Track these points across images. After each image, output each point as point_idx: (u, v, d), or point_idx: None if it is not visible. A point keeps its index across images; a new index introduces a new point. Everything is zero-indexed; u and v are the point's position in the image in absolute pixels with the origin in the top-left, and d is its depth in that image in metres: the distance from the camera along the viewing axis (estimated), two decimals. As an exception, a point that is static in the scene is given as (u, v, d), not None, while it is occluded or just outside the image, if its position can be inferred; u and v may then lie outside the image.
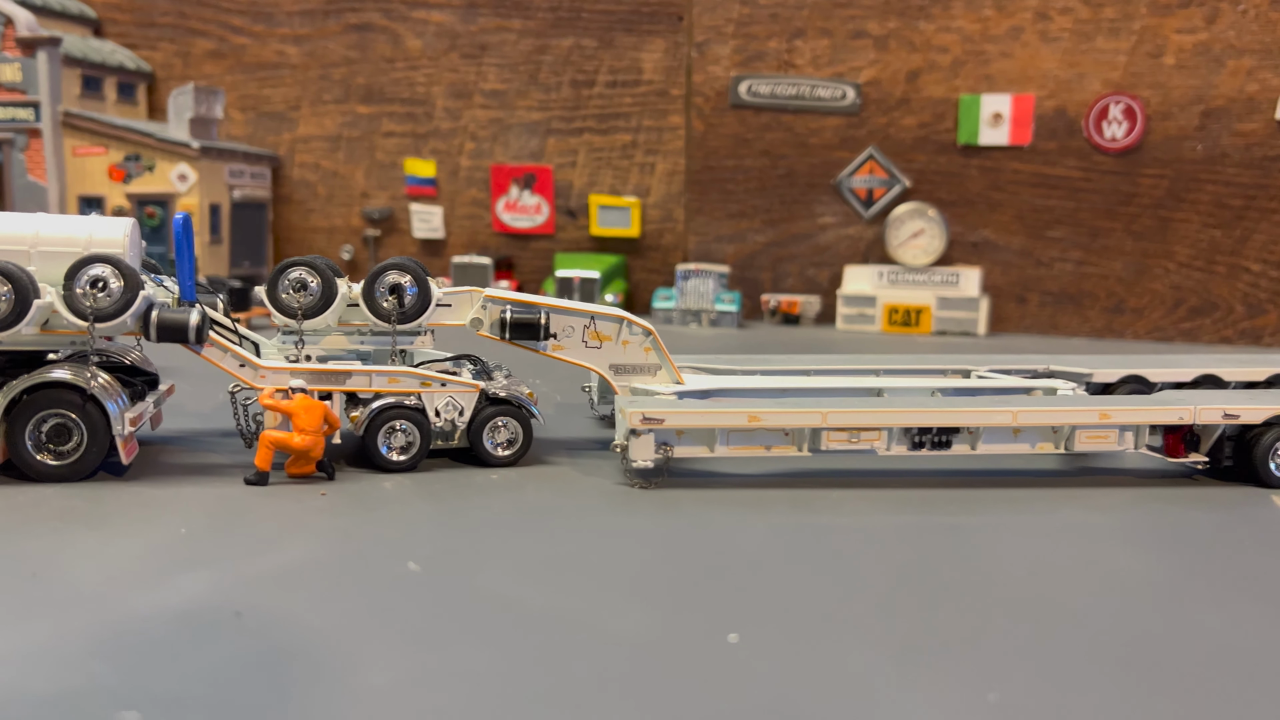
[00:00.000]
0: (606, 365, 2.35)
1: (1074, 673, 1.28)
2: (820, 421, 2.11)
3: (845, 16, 4.97)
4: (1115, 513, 2.02)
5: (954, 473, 2.28)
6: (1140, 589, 1.59)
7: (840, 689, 1.23)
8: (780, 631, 1.39)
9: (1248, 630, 1.43)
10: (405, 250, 5.59)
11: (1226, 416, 2.21)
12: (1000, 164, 5.01)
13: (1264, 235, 4.85)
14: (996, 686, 1.24)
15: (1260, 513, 2.03)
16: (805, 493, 2.10)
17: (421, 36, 5.32)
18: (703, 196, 5.26)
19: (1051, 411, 2.18)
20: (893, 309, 5.05)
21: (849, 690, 1.22)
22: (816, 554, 1.72)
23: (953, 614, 1.47)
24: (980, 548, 1.78)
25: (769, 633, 1.39)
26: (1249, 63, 4.71)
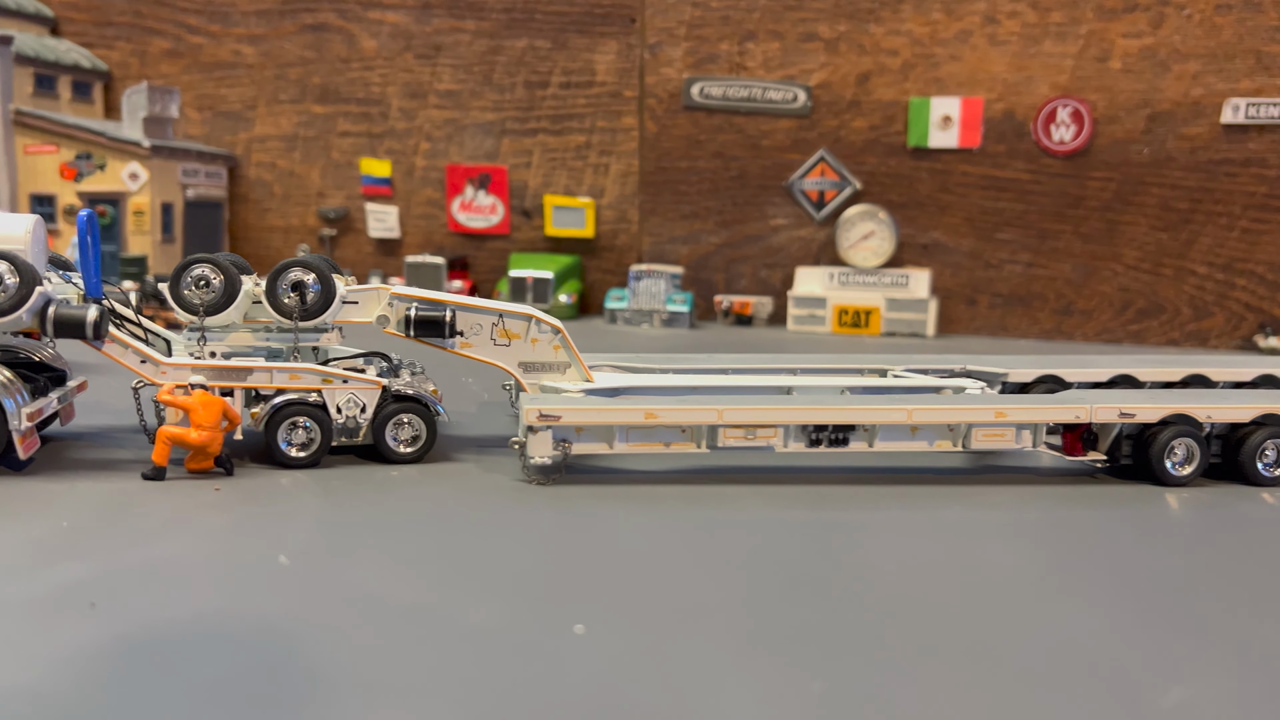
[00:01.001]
0: (515, 363, 2.37)
1: (907, 664, 1.30)
2: (716, 419, 2.13)
3: (796, 19, 4.99)
4: (1003, 510, 2.04)
5: (860, 470, 2.30)
6: (1002, 584, 1.62)
7: (665, 678, 1.24)
8: (632, 623, 1.41)
9: (1096, 626, 1.45)
10: (361, 251, 5.61)
11: (1123, 415, 2.24)
12: (950, 166, 5.04)
13: (1209, 239, 4.90)
14: (825, 677, 1.26)
15: (1148, 511, 2.06)
16: (702, 489, 2.12)
17: (376, 37, 5.33)
18: (656, 198, 5.28)
19: (946, 410, 2.21)
20: (842, 310, 5.08)
21: (673, 679, 1.24)
22: (696, 548, 1.74)
23: (808, 607, 1.49)
24: (859, 543, 1.80)
25: (621, 624, 1.40)
26: (1194, 67, 4.75)
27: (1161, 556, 1.78)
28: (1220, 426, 2.31)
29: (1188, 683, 1.27)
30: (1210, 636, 1.42)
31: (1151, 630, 1.43)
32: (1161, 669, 1.31)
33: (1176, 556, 1.78)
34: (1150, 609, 1.52)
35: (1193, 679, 1.29)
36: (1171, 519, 2.02)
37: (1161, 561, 1.75)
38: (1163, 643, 1.39)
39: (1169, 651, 1.37)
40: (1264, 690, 1.26)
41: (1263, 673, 1.31)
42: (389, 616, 1.41)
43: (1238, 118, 4.75)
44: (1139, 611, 1.50)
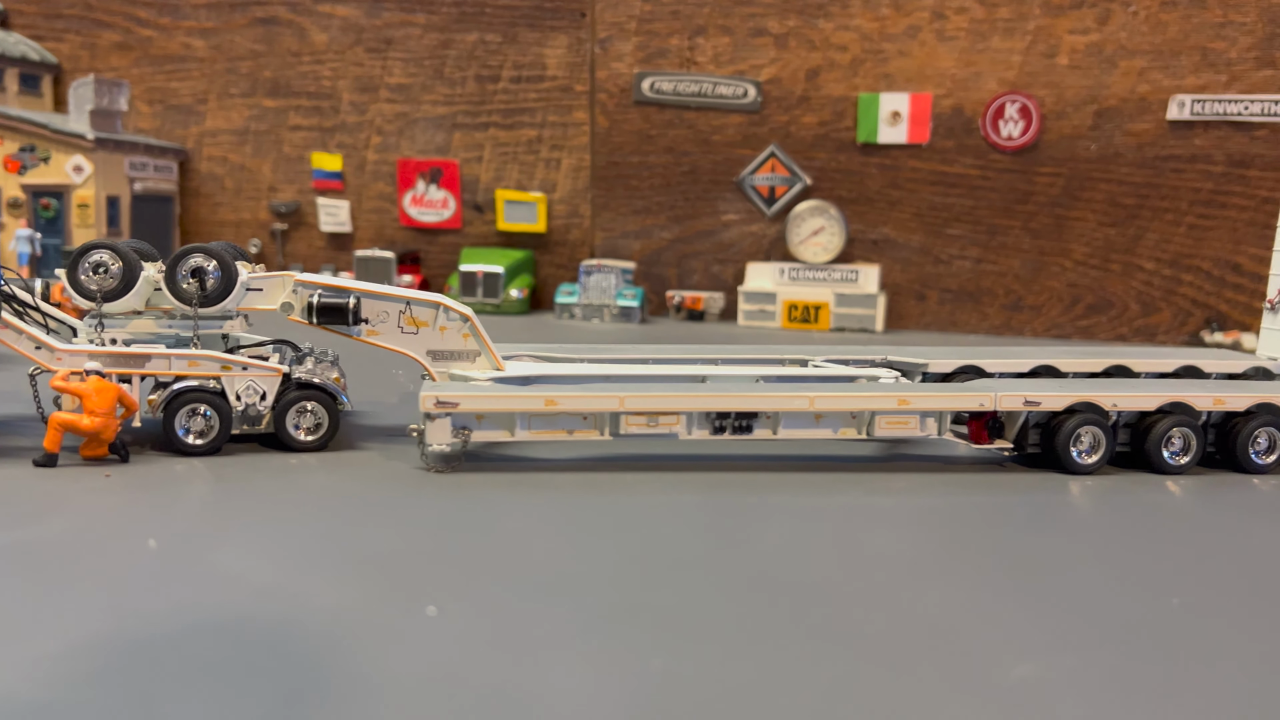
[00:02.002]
0: (424, 351, 2.35)
1: (751, 643, 1.30)
2: (618, 406, 2.12)
3: (745, 14, 4.99)
4: (900, 495, 2.04)
5: (780, 458, 2.29)
6: (873, 566, 1.61)
7: (503, 658, 1.23)
8: (491, 604, 1.40)
9: (957, 606, 1.45)
10: (312, 245, 5.58)
11: (1028, 403, 2.24)
12: (899, 162, 5.05)
13: (1156, 234, 4.92)
14: (668, 655, 1.25)
15: (1046, 497, 2.06)
16: (605, 475, 2.11)
17: (327, 30, 5.31)
18: (608, 192, 5.28)
19: (848, 397, 2.20)
20: (792, 305, 5.08)
21: (511, 659, 1.23)
22: (578, 532, 1.73)
23: (672, 588, 1.48)
24: (744, 526, 1.79)
25: (479, 605, 1.39)
26: (1140, 63, 4.77)
27: (1046, 541, 1.78)
28: (1128, 415, 2.31)
29: (1035, 660, 1.27)
30: (1070, 616, 1.41)
31: (1013, 610, 1.43)
32: (1013, 647, 1.31)
33: (1061, 541, 1.78)
34: (1018, 590, 1.51)
35: (1041, 657, 1.28)
36: (1067, 505, 2.02)
37: (1044, 546, 1.74)
38: (1021, 622, 1.39)
39: (1025, 631, 1.36)
40: (1107, 668, 1.26)
41: (1110, 651, 1.30)
42: (237, 598, 1.39)
43: (1183, 114, 4.77)
44: (1005, 592, 1.50)
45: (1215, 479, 2.25)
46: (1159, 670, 1.26)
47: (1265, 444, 2.33)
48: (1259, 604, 1.49)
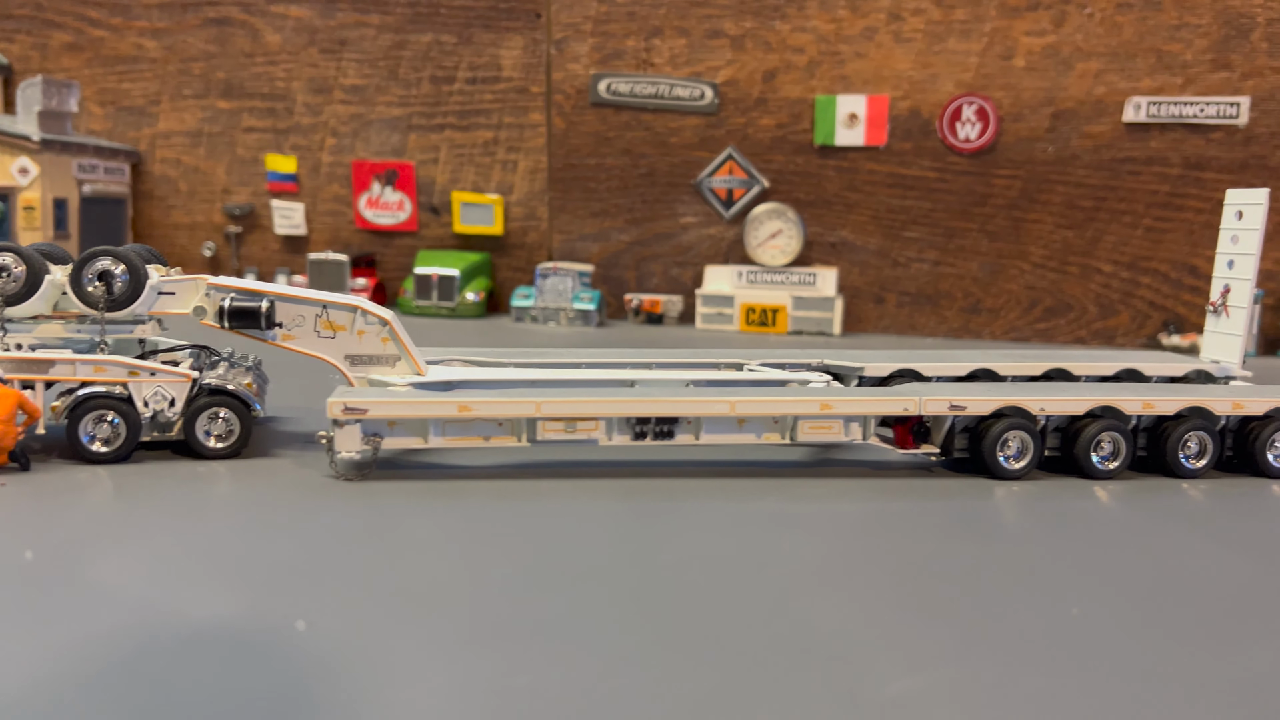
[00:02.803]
0: (341, 356, 2.30)
1: (628, 653, 1.25)
2: (534, 411, 2.08)
3: (702, 16, 4.96)
4: (819, 502, 2.00)
5: (702, 463, 2.26)
6: (775, 574, 1.57)
7: (365, 672, 1.19)
8: (362, 617, 1.35)
9: (851, 616, 1.41)
10: (267, 248, 5.51)
11: (953, 408, 2.20)
12: (856, 164, 5.02)
13: (1114, 237, 4.91)
14: (536, 670, 1.21)
15: (968, 503, 2.03)
16: (523, 483, 2.07)
17: (280, 31, 5.25)
18: (565, 195, 5.23)
19: (770, 402, 2.16)
20: (750, 309, 5.04)
21: (373, 672, 1.18)
22: (478, 542, 1.69)
23: (557, 598, 1.44)
24: (653, 534, 1.75)
25: (350, 620, 1.35)
26: (1096, 65, 4.76)
27: (959, 548, 1.74)
28: (1057, 419, 2.28)
29: (916, 673, 1.23)
30: (965, 626, 1.38)
31: (909, 620, 1.39)
32: (897, 659, 1.27)
33: (975, 548, 1.74)
34: (919, 599, 1.48)
35: (924, 669, 1.24)
36: (989, 512, 1.98)
37: (957, 553, 1.71)
38: (913, 632, 1.35)
39: (915, 641, 1.32)
40: (988, 681, 1.22)
41: (994, 663, 1.27)
42: (102, 611, 1.34)
43: (1139, 116, 4.76)
44: (905, 601, 1.46)
45: (1144, 484, 2.22)
46: (1039, 683, 1.22)
47: (1196, 448, 2.30)
48: (1158, 613, 1.46)
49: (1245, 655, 1.32)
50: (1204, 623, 1.43)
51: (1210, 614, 1.46)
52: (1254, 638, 1.38)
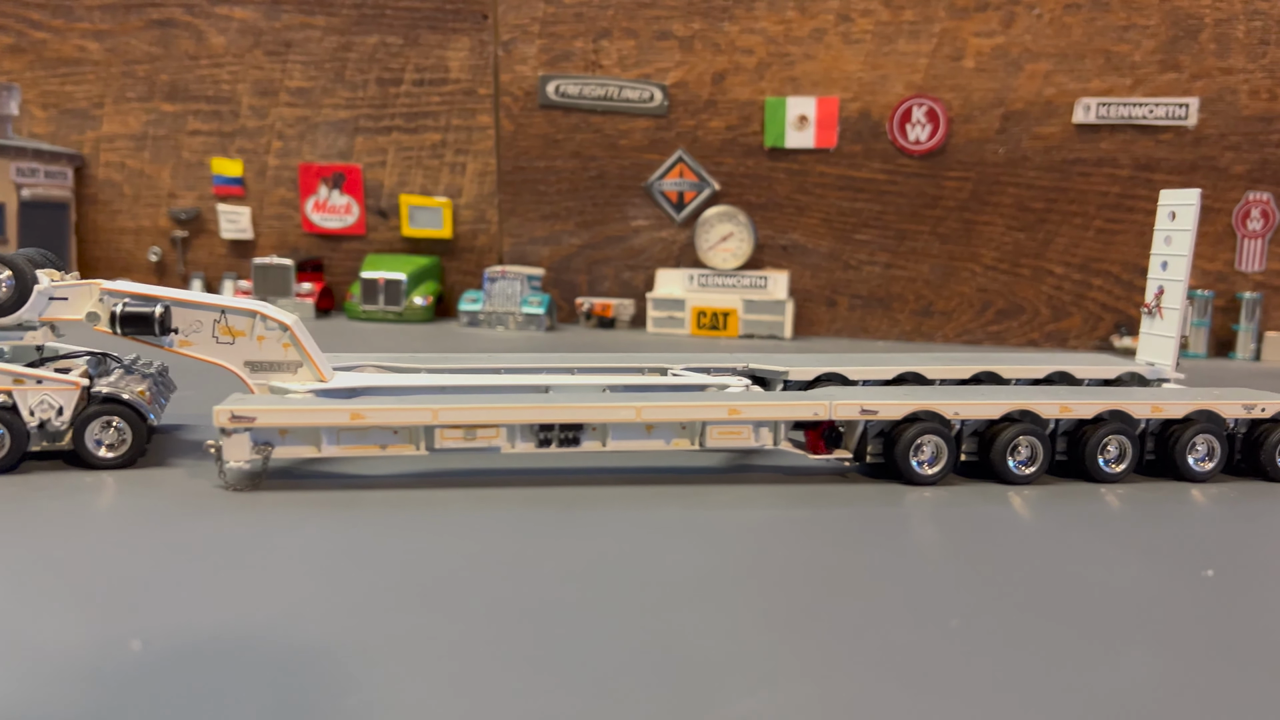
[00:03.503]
0: (241, 363, 2.24)
1: (461, 674, 1.20)
2: (431, 419, 2.02)
3: (650, 17, 4.92)
4: (722, 510, 1.95)
5: (619, 470, 2.20)
6: (655, 587, 1.52)
7: (173, 696, 1.13)
8: (195, 637, 1.29)
9: (716, 634, 1.36)
10: (214, 253, 5.44)
11: (864, 412, 2.16)
12: (807, 167, 4.99)
13: (1065, 238, 4.89)
14: (357, 691, 1.15)
15: (877, 510, 1.98)
16: (418, 492, 2.01)
17: (225, 33, 5.18)
18: (515, 198, 5.18)
19: (676, 407, 2.11)
20: (701, 312, 5.00)
21: (177, 695, 1.13)
22: (348, 557, 1.63)
23: (406, 616, 1.38)
24: (539, 544, 1.70)
25: (184, 640, 1.29)
26: (1045, 66, 4.73)
27: (850, 556, 1.69)
28: (973, 423, 2.24)
29: (769, 690, 1.18)
30: (835, 640, 1.33)
31: (779, 632, 1.34)
32: (754, 675, 1.22)
33: (870, 556, 1.70)
34: (796, 611, 1.43)
35: (779, 686, 1.19)
36: (895, 519, 1.93)
37: (850, 562, 1.66)
38: (781, 646, 1.30)
39: (779, 656, 1.27)
40: (844, 699, 1.17)
41: (855, 679, 1.22)
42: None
43: (1089, 117, 4.75)
44: (780, 613, 1.41)
45: (1061, 489, 2.18)
46: (898, 701, 1.17)
47: (1115, 452, 2.26)
48: (1041, 624, 1.41)
49: (1111, 668, 1.27)
50: (1085, 634, 1.38)
51: (1094, 624, 1.42)
52: (1129, 649, 1.34)
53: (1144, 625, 1.42)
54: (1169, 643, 1.36)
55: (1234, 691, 1.22)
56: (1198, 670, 1.28)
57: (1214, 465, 2.29)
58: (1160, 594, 1.55)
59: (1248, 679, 1.26)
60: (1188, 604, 1.51)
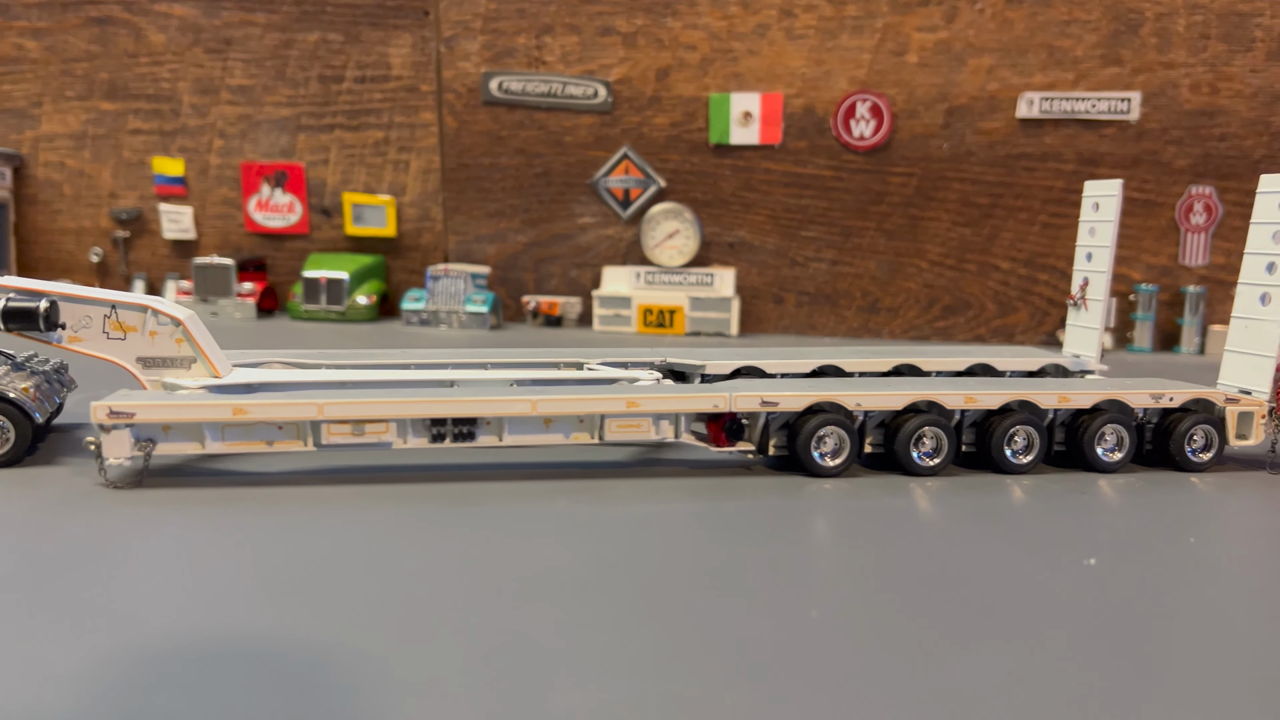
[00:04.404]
0: (133, 358, 2.19)
1: (304, 669, 1.16)
2: (316, 414, 1.98)
3: (593, 13, 4.88)
4: (616, 504, 1.91)
5: (512, 466, 2.16)
6: (517, 582, 1.48)
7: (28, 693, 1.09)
8: (33, 638, 1.25)
9: (563, 629, 1.32)
10: (157, 253, 5.37)
11: (765, 404, 2.13)
12: (752, 163, 4.96)
13: (1011, 233, 4.88)
14: (161, 690, 1.11)
15: (775, 503, 1.95)
16: (304, 490, 1.96)
17: (164, 30, 5.11)
18: (460, 195, 5.13)
19: (574, 400, 2.08)
20: (647, 310, 4.96)
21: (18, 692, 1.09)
22: (212, 553, 1.59)
23: (246, 613, 1.34)
24: (412, 543, 1.66)
25: (42, 636, 1.24)
26: (989, 61, 4.73)
27: (728, 550, 1.66)
28: (877, 414, 2.21)
29: (598, 687, 1.15)
30: (689, 634, 1.29)
31: (627, 628, 1.31)
32: (586, 671, 1.18)
33: (746, 549, 1.66)
34: (654, 605, 1.39)
35: (612, 683, 1.16)
36: (789, 512, 1.90)
37: (723, 555, 1.63)
38: (625, 642, 1.27)
39: (619, 652, 1.24)
40: (672, 694, 1.13)
41: (697, 675, 1.18)
42: None
43: (1033, 112, 4.74)
44: (638, 608, 1.38)
45: (966, 481, 2.16)
46: (724, 694, 1.14)
47: (1023, 443, 2.24)
48: (906, 617, 1.39)
49: (955, 662, 1.25)
50: (944, 627, 1.35)
51: (956, 618, 1.39)
52: (981, 642, 1.31)
53: (1006, 618, 1.40)
54: (1024, 635, 1.34)
55: (1067, 685, 1.20)
56: (1038, 663, 1.25)
57: (1123, 455, 2.27)
58: (1035, 586, 1.53)
59: (1088, 671, 1.23)
60: (1060, 596, 1.49)
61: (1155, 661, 1.26)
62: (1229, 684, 1.20)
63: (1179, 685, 1.19)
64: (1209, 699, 1.16)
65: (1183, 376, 2.45)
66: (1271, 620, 1.41)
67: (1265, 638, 1.34)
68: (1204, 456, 2.31)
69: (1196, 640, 1.33)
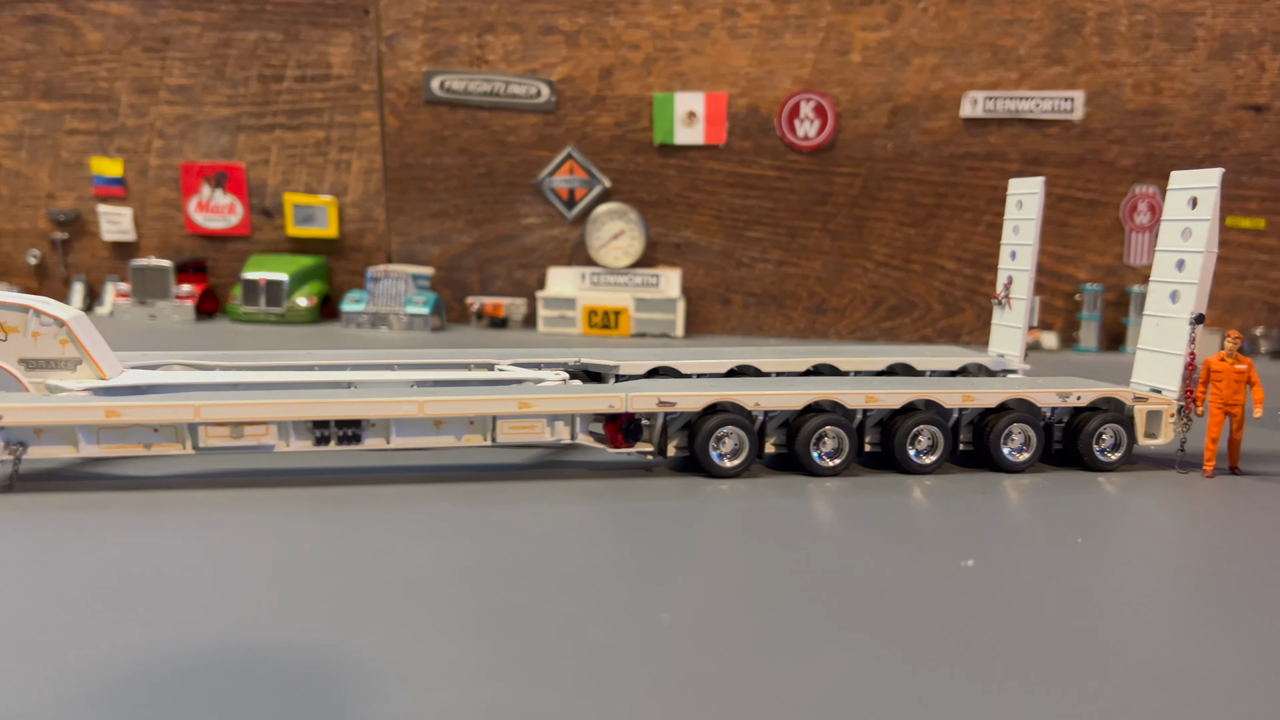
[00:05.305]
0: (15, 360, 2.13)
1: (161, 673, 1.11)
2: (193, 416, 1.93)
3: (535, 11, 4.84)
4: (495, 507, 1.87)
5: (414, 469, 2.11)
6: (374, 590, 1.43)
7: None
8: None
9: (410, 636, 1.28)
10: (96, 255, 5.29)
11: (662, 404, 2.09)
12: (697, 164, 4.93)
13: (956, 233, 4.86)
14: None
15: (667, 505, 1.91)
16: (182, 494, 1.91)
17: (101, 29, 5.04)
18: (402, 195, 5.07)
19: (463, 401, 2.03)
20: (592, 311, 4.92)
21: None
22: (51, 557, 1.53)
23: (76, 616, 1.29)
24: (287, 548, 1.61)
25: None
26: (932, 60, 4.71)
27: (601, 553, 1.61)
28: (778, 415, 2.18)
29: (417, 694, 1.10)
30: (534, 641, 1.25)
31: (476, 636, 1.26)
32: (415, 680, 1.14)
33: (619, 553, 1.62)
34: (510, 611, 1.35)
35: (436, 690, 1.11)
36: (675, 513, 1.86)
37: (592, 558, 1.58)
38: (472, 650, 1.22)
39: (462, 660, 1.19)
40: (488, 702, 1.09)
41: (525, 682, 1.14)
42: None
43: (976, 111, 4.72)
44: (491, 614, 1.33)
45: (868, 481, 2.12)
46: (543, 702, 1.10)
47: (927, 443, 2.21)
48: (758, 622, 1.34)
49: (799, 665, 1.21)
50: (794, 630, 1.31)
51: (810, 621, 1.35)
52: (826, 646, 1.27)
53: (860, 620, 1.36)
54: (873, 637, 1.30)
55: (896, 687, 1.16)
56: (874, 665, 1.21)
57: (1030, 455, 2.24)
58: (902, 588, 1.49)
59: (923, 673, 1.19)
60: (923, 598, 1.45)
61: (994, 664, 1.22)
62: (1063, 685, 1.16)
63: (1008, 687, 1.15)
64: (1034, 701, 1.12)
65: (1123, 377, 2.42)
66: (1138, 621, 1.38)
67: (1125, 639, 1.31)
68: (1113, 456, 2.28)
69: (1047, 642, 1.29)
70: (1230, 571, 1.62)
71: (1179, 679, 1.19)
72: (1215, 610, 1.43)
